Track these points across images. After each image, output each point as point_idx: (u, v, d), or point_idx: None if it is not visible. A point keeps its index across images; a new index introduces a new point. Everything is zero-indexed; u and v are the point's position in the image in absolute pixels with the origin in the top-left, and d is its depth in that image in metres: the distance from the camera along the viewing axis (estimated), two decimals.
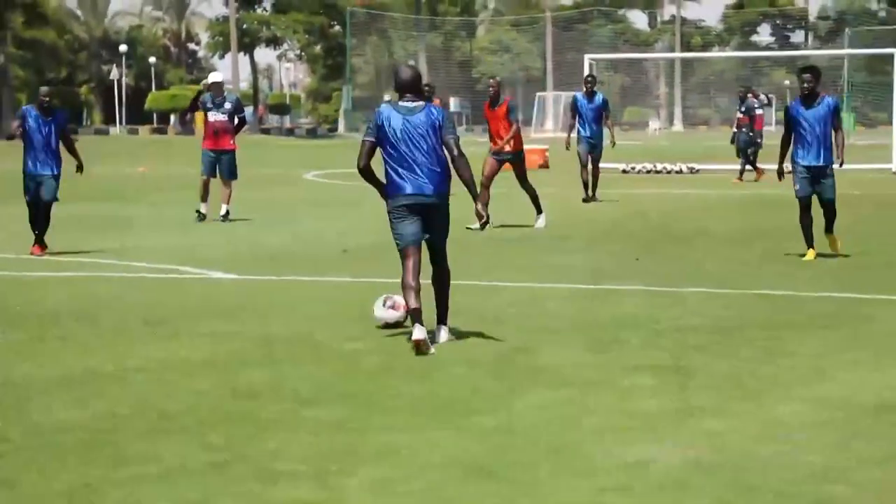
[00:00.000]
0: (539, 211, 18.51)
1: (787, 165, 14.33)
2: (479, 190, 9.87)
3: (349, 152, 38.75)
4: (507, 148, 18.42)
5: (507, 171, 18.80)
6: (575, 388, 7.72)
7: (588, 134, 22.66)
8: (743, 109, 29.76)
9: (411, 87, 9.22)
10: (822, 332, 9.67)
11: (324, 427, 6.77)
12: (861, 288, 12.04)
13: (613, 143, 23.20)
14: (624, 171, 32.67)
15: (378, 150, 9.18)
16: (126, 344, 9.24)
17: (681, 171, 32.96)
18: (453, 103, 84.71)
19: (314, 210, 22.32)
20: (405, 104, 9.19)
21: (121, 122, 79.86)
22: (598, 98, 22.74)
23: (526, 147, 18.67)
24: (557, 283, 12.35)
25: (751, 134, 29.13)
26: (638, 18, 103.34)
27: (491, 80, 19.68)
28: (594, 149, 22.71)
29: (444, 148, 9.18)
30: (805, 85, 13.90)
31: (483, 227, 9.79)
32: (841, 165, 14.31)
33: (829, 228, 14.33)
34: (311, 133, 78.29)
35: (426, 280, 9.29)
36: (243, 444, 6.42)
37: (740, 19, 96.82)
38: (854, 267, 13.73)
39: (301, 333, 9.59)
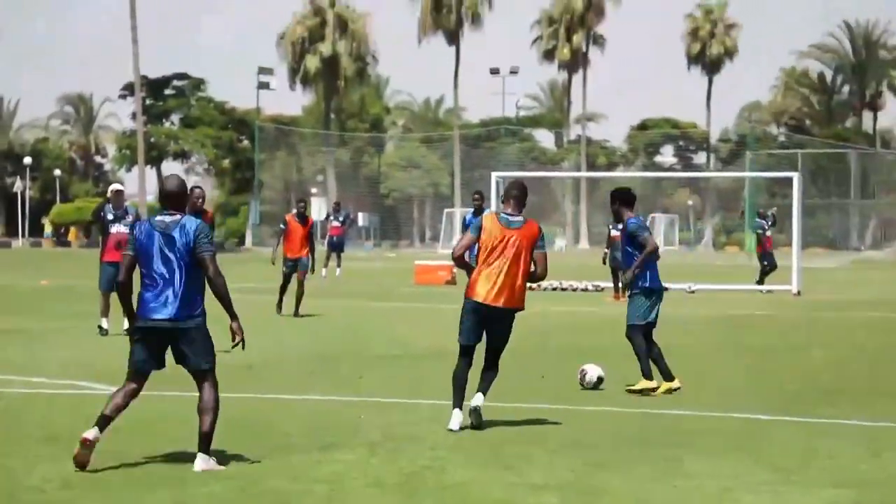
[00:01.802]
0: None
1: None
2: None
3: (257, 266, 38.59)
4: None
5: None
6: None
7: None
8: (619, 227, 30.02)
9: (174, 200, 8.76)
10: (723, 452, 9.70)
11: None
12: (763, 408, 12.12)
13: None
14: (530, 289, 32.77)
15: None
16: (21, 461, 9.00)
17: (586, 289, 33.21)
18: (362, 218, 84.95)
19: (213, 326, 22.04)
20: (162, 218, 8.71)
21: (23, 235, 78.83)
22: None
23: (433, 263, 18.77)
24: (466, 401, 12.29)
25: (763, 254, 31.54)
26: (545, 137, 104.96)
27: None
28: None
29: (199, 265, 8.68)
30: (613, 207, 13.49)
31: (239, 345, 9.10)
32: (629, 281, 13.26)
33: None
34: (219, 247, 77.95)
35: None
36: None
37: (644, 140, 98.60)
38: (755, 387, 13.85)
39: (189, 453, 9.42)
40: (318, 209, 74.02)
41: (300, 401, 12.45)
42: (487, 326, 10.77)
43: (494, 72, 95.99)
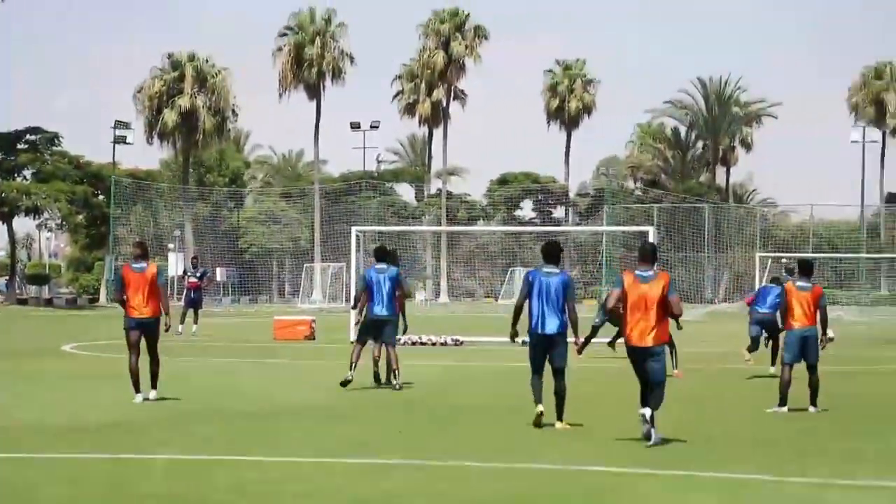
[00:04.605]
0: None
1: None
2: None
3: (111, 323, 37.74)
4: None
5: None
6: None
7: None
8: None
9: None
10: None
11: None
12: (640, 462, 12.10)
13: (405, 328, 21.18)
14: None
15: None
16: None
17: (445, 343, 33.17)
18: (220, 273, 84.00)
19: (70, 383, 21.47)
20: None
21: None
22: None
23: (292, 318, 18.52)
24: (323, 458, 12.07)
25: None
26: (405, 191, 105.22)
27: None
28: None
29: None
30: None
31: None
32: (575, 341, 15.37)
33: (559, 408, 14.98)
34: (71, 303, 76.46)
35: None
36: None
37: (504, 194, 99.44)
38: (632, 440, 13.84)
39: None
40: (176, 264, 73.02)
41: (151, 460, 12.09)
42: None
43: (355, 126, 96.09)
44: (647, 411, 13.29)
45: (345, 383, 19.29)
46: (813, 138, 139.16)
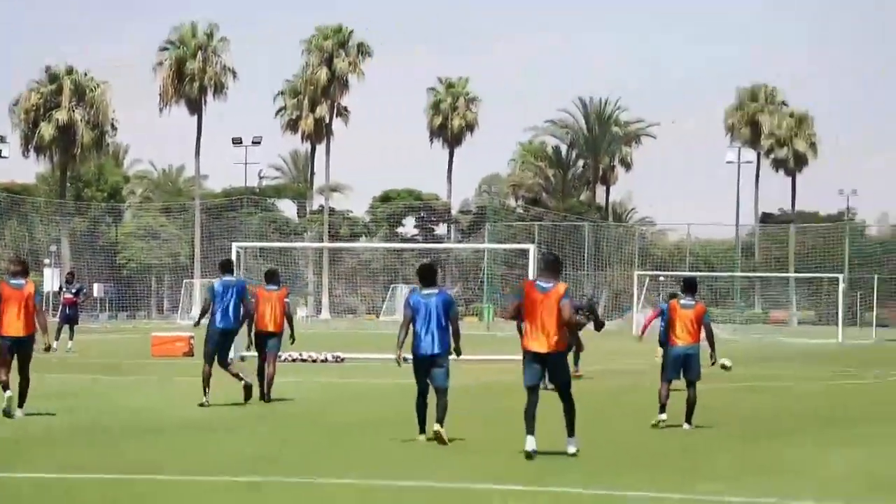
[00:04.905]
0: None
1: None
2: None
3: None
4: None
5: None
6: None
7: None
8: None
9: None
10: None
11: None
12: (520, 478, 12.11)
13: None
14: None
15: None
16: None
17: (326, 360, 32.99)
18: (97, 289, 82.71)
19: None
20: None
21: None
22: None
23: (171, 334, 18.32)
24: (195, 476, 11.90)
25: None
26: (287, 207, 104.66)
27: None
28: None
29: None
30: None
31: None
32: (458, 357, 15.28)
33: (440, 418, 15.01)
34: None
35: None
36: None
37: (386, 211, 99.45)
38: (513, 456, 13.87)
39: None
40: (51, 280, 71.68)
41: (18, 479, 11.82)
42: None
43: (237, 141, 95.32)
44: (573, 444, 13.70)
45: (202, 405, 19.19)
46: (690, 158, 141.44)
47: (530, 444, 13.50)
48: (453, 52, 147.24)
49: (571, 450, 13.70)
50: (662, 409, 17.30)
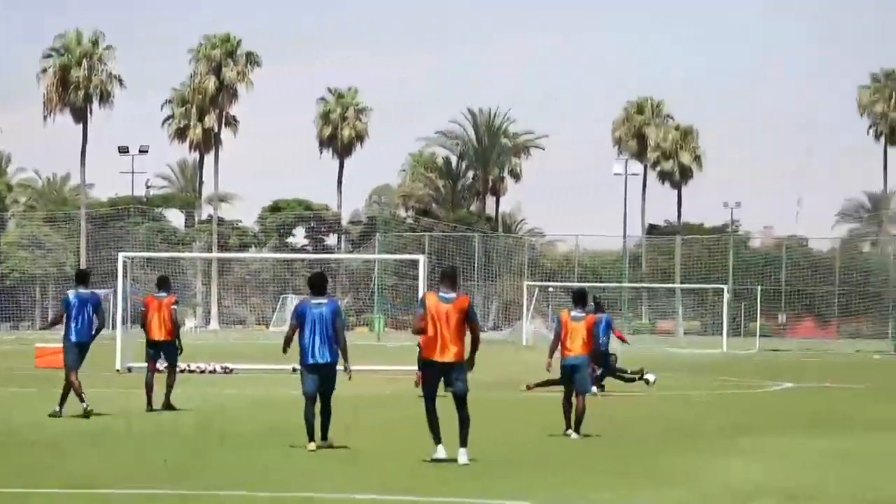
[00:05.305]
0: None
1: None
2: None
3: None
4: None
5: None
6: None
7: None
8: None
9: None
10: None
11: None
12: (407, 489, 12.10)
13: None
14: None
15: None
16: None
17: (215, 371, 32.71)
18: None
19: None
20: None
21: None
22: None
23: (55, 345, 18.12)
24: (80, 490, 11.72)
25: None
26: (175, 217, 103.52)
27: None
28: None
29: None
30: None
31: None
32: (346, 369, 15.38)
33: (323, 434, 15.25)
34: None
35: None
36: None
37: (276, 221, 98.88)
38: (403, 465, 13.85)
39: None
40: None
41: None
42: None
43: (124, 150, 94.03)
44: (464, 457, 13.78)
45: (87, 414, 18.83)
46: (580, 170, 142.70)
47: (440, 452, 13.86)
48: (343, 62, 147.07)
49: (463, 459, 13.75)
50: (568, 424, 17.42)
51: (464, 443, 13.88)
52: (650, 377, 25.61)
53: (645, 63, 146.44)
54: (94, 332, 19.51)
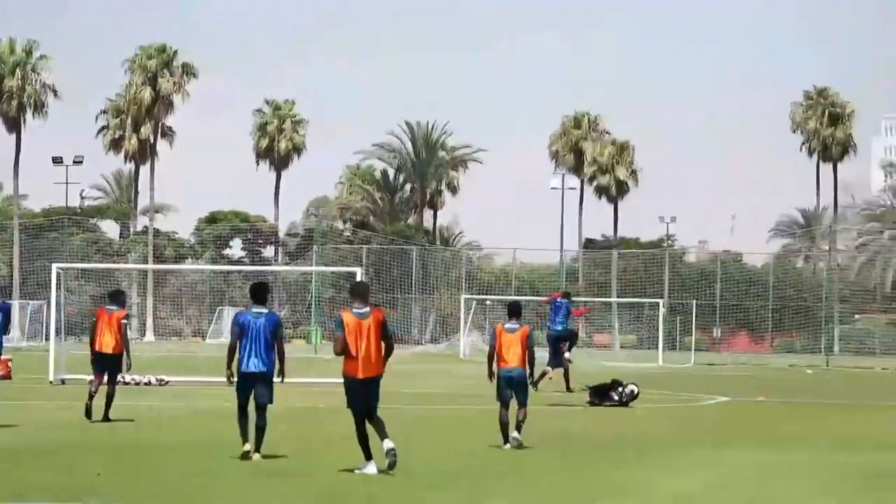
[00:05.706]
0: None
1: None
2: None
3: None
4: None
5: None
6: None
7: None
8: None
9: None
10: None
11: None
12: (322, 501, 12.04)
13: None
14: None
15: None
16: None
17: (149, 383, 32.41)
18: None
19: None
20: None
21: None
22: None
23: None
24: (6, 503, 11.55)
25: None
26: (110, 228, 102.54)
27: None
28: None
29: None
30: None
31: None
32: (282, 380, 15.56)
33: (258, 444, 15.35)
34: None
35: None
36: None
37: (213, 232, 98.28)
38: (323, 478, 13.78)
39: None
40: None
41: None
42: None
43: (57, 161, 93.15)
44: (389, 443, 14.03)
45: None
46: (517, 184, 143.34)
47: (371, 468, 13.94)
48: (281, 74, 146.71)
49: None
50: (505, 439, 17.42)
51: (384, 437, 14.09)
52: (634, 388, 27.58)
53: (583, 78, 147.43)
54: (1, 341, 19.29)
